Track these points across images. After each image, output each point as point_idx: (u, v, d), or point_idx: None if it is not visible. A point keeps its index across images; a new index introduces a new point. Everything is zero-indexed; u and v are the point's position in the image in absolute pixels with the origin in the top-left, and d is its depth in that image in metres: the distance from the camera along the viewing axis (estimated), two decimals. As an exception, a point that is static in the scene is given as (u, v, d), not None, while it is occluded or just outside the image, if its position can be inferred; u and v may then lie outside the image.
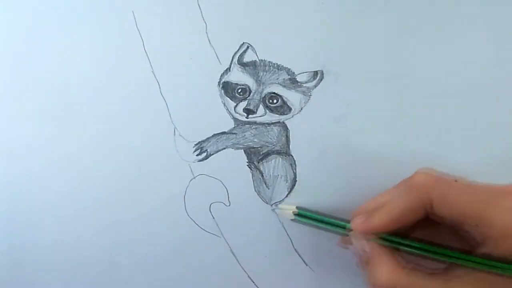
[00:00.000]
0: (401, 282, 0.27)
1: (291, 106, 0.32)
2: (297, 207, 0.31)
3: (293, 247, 0.33)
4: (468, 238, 0.27)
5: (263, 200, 0.33)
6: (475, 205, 0.26)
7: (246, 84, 0.33)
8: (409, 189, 0.28)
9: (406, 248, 0.28)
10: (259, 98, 0.33)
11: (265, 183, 0.33)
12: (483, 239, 0.26)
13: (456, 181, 0.28)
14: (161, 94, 0.34)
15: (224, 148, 0.33)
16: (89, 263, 0.36)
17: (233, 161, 0.33)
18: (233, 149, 0.33)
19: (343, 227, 0.29)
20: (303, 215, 0.31)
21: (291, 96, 0.32)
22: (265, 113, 0.33)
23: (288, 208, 0.32)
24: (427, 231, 0.29)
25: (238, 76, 0.33)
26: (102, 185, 0.35)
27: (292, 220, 0.31)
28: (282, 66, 0.32)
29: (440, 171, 0.29)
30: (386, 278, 0.27)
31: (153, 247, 0.35)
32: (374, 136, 0.31)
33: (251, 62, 0.33)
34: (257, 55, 0.32)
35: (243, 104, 0.33)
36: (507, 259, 0.25)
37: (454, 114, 0.30)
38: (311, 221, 0.31)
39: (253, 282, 0.34)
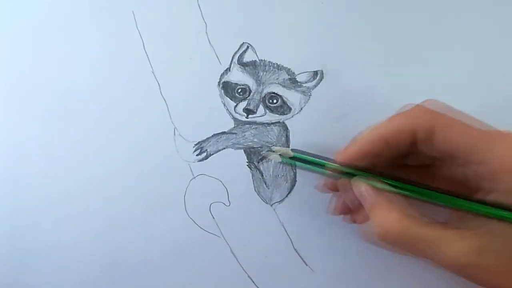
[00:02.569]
0: (410, 229, 0.24)
1: (291, 106, 0.32)
2: (292, 150, 0.30)
3: (293, 247, 0.33)
4: (463, 182, 0.26)
5: (263, 200, 0.33)
6: (472, 136, 0.24)
7: (246, 84, 0.33)
8: (403, 116, 0.26)
9: (413, 194, 0.26)
10: (259, 98, 0.33)
11: (265, 183, 0.33)
12: (476, 181, 0.24)
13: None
14: (161, 94, 0.34)
15: (224, 148, 0.33)
16: (89, 263, 0.36)
17: (233, 161, 0.33)
18: (233, 149, 0.33)
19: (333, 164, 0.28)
20: (298, 157, 0.29)
21: (291, 96, 0.32)
22: (265, 113, 0.33)
23: (284, 150, 0.30)
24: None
25: (238, 76, 0.33)
26: (102, 185, 0.35)
27: (290, 159, 0.29)
28: (282, 66, 0.32)
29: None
30: (395, 224, 0.24)
31: (153, 247, 0.35)
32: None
33: (251, 62, 0.33)
34: (257, 55, 0.32)
35: (243, 104, 0.33)
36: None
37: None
38: (306, 165, 0.29)
39: (253, 282, 0.34)
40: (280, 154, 0.29)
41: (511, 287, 0.24)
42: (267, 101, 0.33)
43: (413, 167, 0.29)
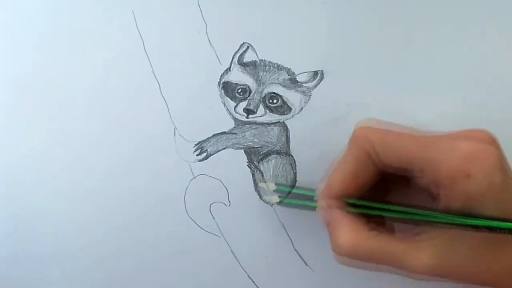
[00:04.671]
0: (362, 244, 0.25)
1: (291, 106, 0.32)
2: (275, 184, 0.31)
3: (293, 247, 0.33)
4: (429, 192, 0.26)
5: (263, 200, 0.33)
6: (418, 148, 0.24)
7: (246, 84, 0.33)
8: (352, 144, 0.27)
9: (372, 211, 0.27)
10: (259, 98, 0.33)
11: (265, 183, 0.33)
12: (436, 188, 0.24)
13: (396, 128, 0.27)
14: (161, 94, 0.34)
15: (224, 148, 0.33)
16: (88, 263, 0.36)
17: (233, 161, 0.33)
18: (233, 149, 0.33)
19: (313, 197, 0.29)
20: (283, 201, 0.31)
21: (291, 96, 0.32)
22: (265, 113, 0.33)
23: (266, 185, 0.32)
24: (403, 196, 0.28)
25: (238, 76, 0.33)
26: (102, 185, 0.35)
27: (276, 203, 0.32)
28: (282, 66, 0.32)
29: (382, 120, 0.28)
30: (346, 241, 0.25)
31: (153, 247, 0.35)
32: (374, 136, 0.31)
33: (251, 62, 0.33)
34: (257, 55, 0.32)
35: (243, 104, 0.33)
36: (470, 211, 0.23)
37: (454, 111, 0.30)
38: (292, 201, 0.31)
39: (253, 282, 0.34)
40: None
41: (487, 281, 0.24)
42: (267, 101, 0.33)
43: (393, 177, 0.29)
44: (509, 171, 0.24)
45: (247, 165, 0.33)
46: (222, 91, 0.33)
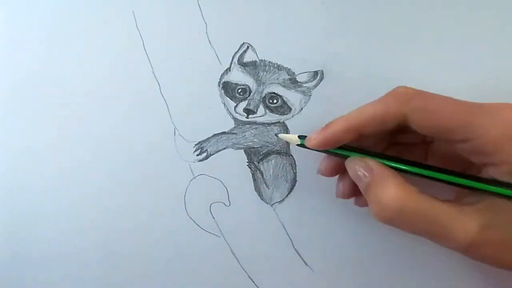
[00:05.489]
0: (410, 204, 0.23)
1: (291, 106, 0.32)
2: (299, 136, 0.29)
3: (293, 247, 0.33)
4: (461, 163, 0.25)
5: (263, 200, 0.33)
6: (462, 115, 0.23)
7: (246, 84, 0.33)
8: (389, 98, 0.25)
9: (411, 169, 0.25)
10: (259, 98, 0.33)
11: (265, 183, 0.33)
12: (478, 157, 0.23)
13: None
14: (161, 94, 0.34)
15: (224, 148, 0.33)
16: (88, 263, 0.36)
17: (233, 161, 0.33)
18: (233, 149, 0.33)
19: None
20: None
21: (291, 96, 0.32)
22: (265, 113, 0.33)
23: (290, 137, 0.30)
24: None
25: (238, 76, 0.33)
26: (102, 185, 0.35)
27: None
28: (282, 66, 0.32)
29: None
30: (393, 200, 0.23)
31: (153, 247, 0.35)
32: (374, 136, 0.31)
33: (251, 62, 0.33)
34: (257, 55, 0.32)
35: (243, 104, 0.33)
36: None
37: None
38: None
39: (253, 282, 0.34)
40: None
41: None
42: (267, 101, 0.33)
43: (404, 145, 0.28)
44: None
45: (247, 165, 0.33)
46: (222, 91, 0.33)
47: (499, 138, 0.22)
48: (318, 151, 0.28)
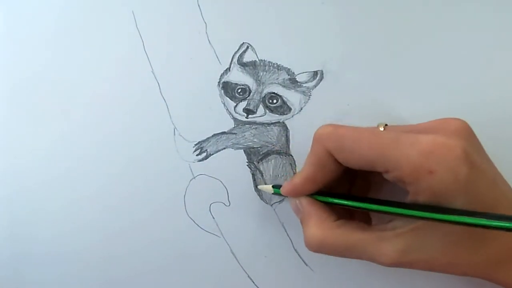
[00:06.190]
0: (327, 240, 0.25)
1: (291, 106, 0.32)
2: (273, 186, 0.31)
3: (293, 247, 0.33)
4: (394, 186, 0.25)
5: (263, 200, 0.33)
6: (377, 150, 0.24)
7: (246, 84, 0.33)
8: (313, 144, 0.27)
9: (339, 201, 0.27)
10: (259, 98, 0.33)
11: (265, 183, 0.33)
12: (403, 185, 0.24)
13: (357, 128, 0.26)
14: (161, 94, 0.34)
15: (224, 148, 0.33)
16: (88, 263, 0.36)
17: (233, 161, 0.33)
18: (233, 149, 0.33)
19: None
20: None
21: (291, 96, 0.32)
22: (265, 113, 0.33)
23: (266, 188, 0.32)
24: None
25: (238, 76, 0.33)
26: (102, 185, 0.35)
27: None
28: (282, 66, 0.32)
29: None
30: (314, 232, 0.26)
31: (153, 247, 0.35)
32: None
33: (251, 62, 0.33)
34: (257, 55, 0.32)
35: (243, 104, 0.33)
36: (439, 203, 0.22)
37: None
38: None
39: (253, 282, 0.34)
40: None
41: (470, 273, 0.24)
42: (267, 101, 0.32)
43: (365, 176, 0.29)
44: (480, 162, 0.23)
45: (247, 165, 0.33)
46: (222, 91, 0.33)
47: (413, 171, 0.22)
48: None
